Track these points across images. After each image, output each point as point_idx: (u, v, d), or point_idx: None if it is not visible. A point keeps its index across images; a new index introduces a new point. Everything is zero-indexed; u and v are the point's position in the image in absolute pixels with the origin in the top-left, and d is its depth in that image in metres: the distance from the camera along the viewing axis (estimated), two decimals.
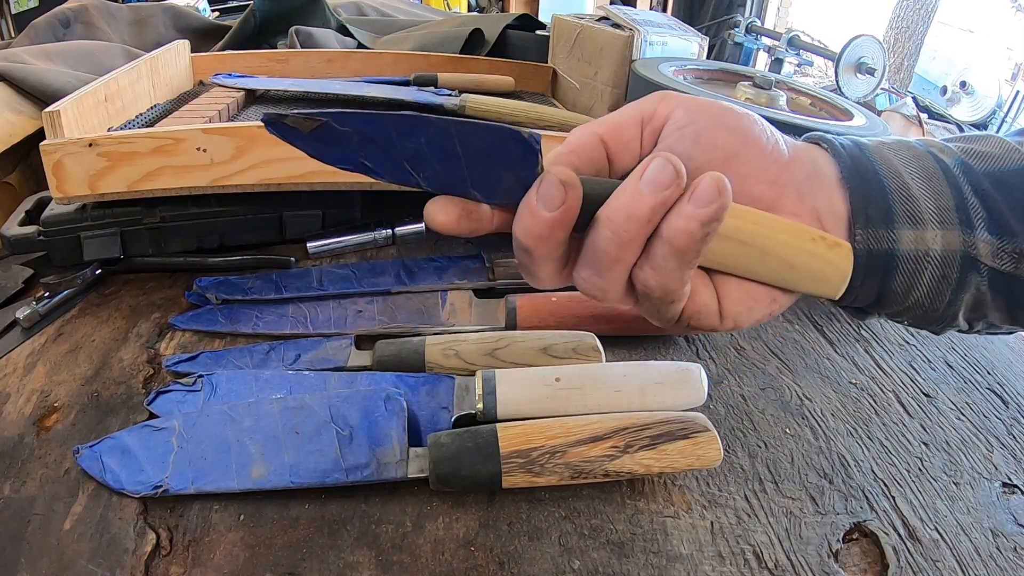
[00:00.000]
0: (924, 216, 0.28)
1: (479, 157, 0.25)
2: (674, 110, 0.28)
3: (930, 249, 0.28)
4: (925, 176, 0.29)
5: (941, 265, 0.28)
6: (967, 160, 0.29)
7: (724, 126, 0.28)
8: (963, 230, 0.28)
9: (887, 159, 0.29)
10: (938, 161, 0.29)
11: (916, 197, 0.28)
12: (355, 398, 0.39)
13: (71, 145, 0.49)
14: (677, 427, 0.36)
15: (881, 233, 0.28)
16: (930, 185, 0.29)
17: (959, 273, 0.29)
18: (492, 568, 0.33)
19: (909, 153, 0.30)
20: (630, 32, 0.76)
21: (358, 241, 0.60)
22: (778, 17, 3.59)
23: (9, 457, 0.38)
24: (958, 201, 0.28)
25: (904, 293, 0.29)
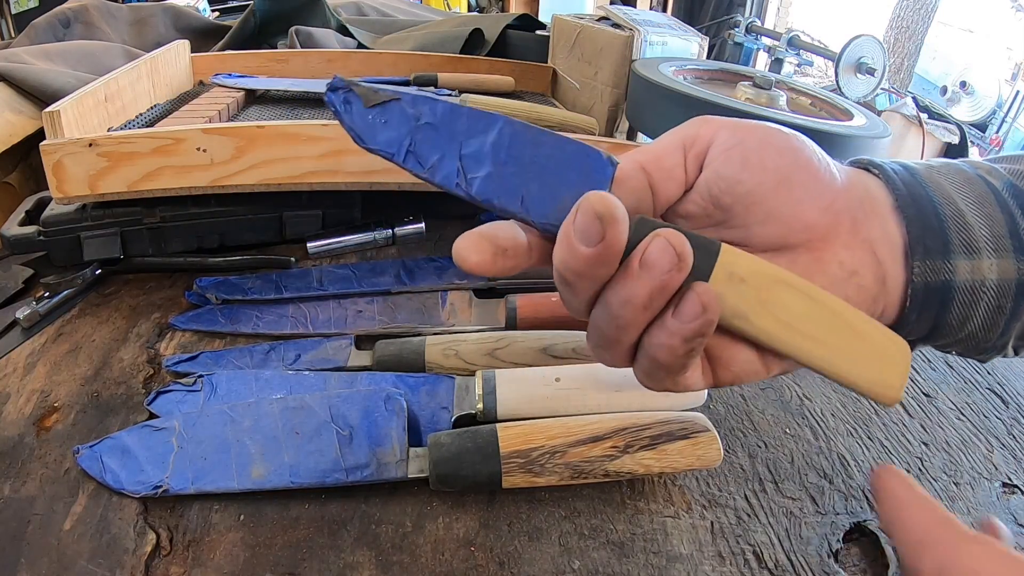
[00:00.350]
0: (979, 244, 0.27)
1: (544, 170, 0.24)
2: (717, 132, 0.27)
3: (986, 279, 0.27)
4: (977, 202, 0.28)
5: (997, 295, 0.27)
6: (1016, 182, 0.28)
7: (772, 146, 0.26)
8: (1017, 257, 0.27)
9: (939, 185, 0.28)
10: (988, 185, 0.28)
11: (971, 225, 0.27)
12: (355, 398, 0.39)
13: (71, 145, 0.49)
14: (677, 427, 0.36)
15: (939, 264, 0.27)
16: (983, 211, 0.27)
17: (1014, 302, 0.28)
18: (492, 568, 0.33)
19: (960, 177, 0.28)
20: (630, 32, 0.76)
21: (358, 241, 0.60)
22: (778, 17, 3.59)
23: (9, 457, 0.38)
24: (1011, 227, 0.27)
25: (959, 325, 0.28)
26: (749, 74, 0.76)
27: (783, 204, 0.26)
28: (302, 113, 0.71)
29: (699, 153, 0.27)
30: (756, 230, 0.27)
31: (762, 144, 0.26)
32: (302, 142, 0.52)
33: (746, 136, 0.26)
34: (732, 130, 0.26)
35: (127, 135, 0.51)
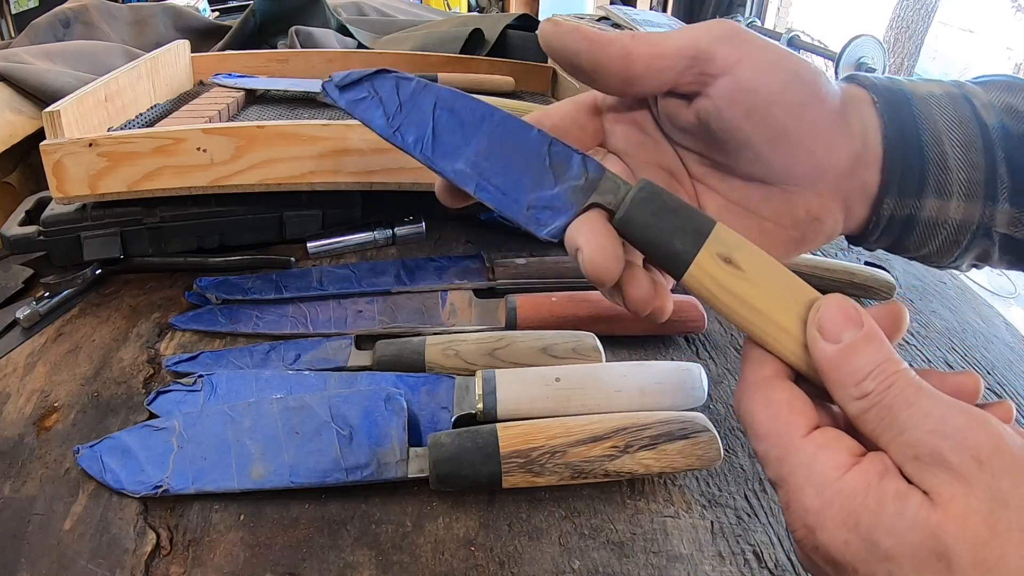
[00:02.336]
0: (952, 188, 0.28)
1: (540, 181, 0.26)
2: (738, 65, 0.25)
3: (949, 218, 0.28)
4: (964, 144, 0.28)
5: (955, 231, 0.28)
6: (1007, 122, 0.28)
7: (784, 102, 0.25)
8: (985, 203, 0.28)
9: (932, 120, 0.28)
10: (979, 123, 0.28)
11: (950, 169, 0.28)
12: (355, 398, 0.39)
13: (71, 145, 0.49)
14: (677, 427, 0.36)
15: (908, 201, 0.28)
16: (967, 156, 0.28)
17: (970, 238, 0.28)
18: (492, 568, 0.33)
19: (954, 114, 0.28)
20: (630, 32, 0.76)
21: (358, 241, 0.60)
22: (778, 17, 3.59)
23: (9, 457, 0.38)
24: (988, 175, 0.28)
25: (915, 248, 0.29)
26: None
27: (775, 156, 0.26)
28: (302, 113, 0.71)
29: (705, 74, 0.25)
30: (742, 165, 0.27)
31: (774, 98, 0.25)
32: (302, 142, 0.52)
33: (762, 83, 0.25)
34: (752, 71, 0.25)
35: (127, 135, 0.51)
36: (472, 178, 0.26)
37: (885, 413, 0.21)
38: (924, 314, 0.58)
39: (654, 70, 0.25)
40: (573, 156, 0.26)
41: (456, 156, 0.26)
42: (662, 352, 0.50)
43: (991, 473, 0.19)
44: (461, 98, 0.27)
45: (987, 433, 0.20)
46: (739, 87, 0.25)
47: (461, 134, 0.26)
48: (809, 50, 2.07)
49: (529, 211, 0.26)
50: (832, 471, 0.21)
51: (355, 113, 0.27)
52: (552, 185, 0.26)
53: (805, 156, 0.26)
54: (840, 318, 0.22)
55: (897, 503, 0.20)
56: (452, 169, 0.26)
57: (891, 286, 0.57)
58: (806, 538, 0.22)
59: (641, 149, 0.29)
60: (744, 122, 0.25)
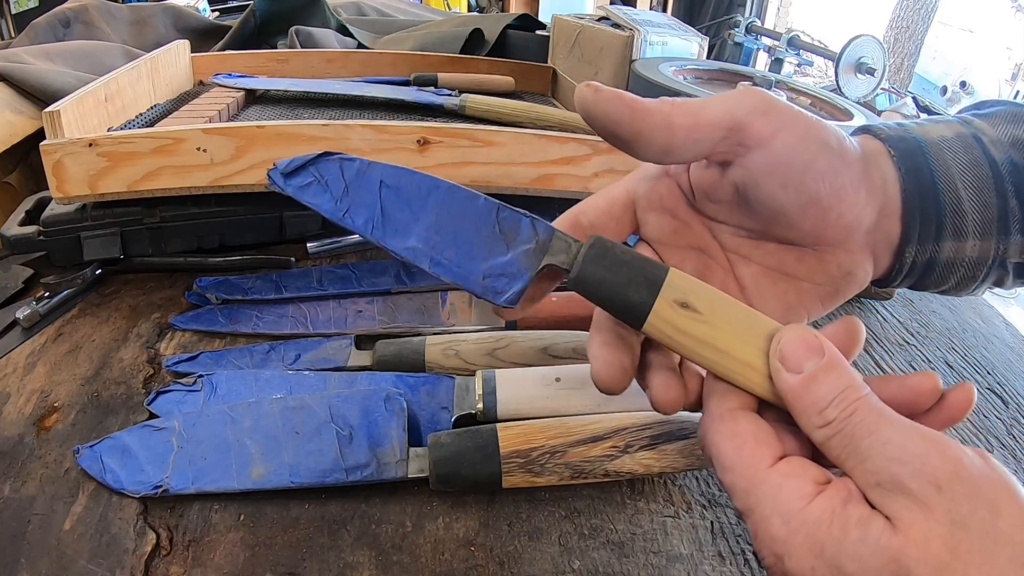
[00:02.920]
0: (968, 229, 0.29)
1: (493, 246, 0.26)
2: (775, 137, 0.26)
3: (967, 257, 0.29)
4: (977, 186, 0.29)
5: (973, 268, 0.29)
6: (1015, 158, 0.29)
7: (816, 170, 0.26)
8: (999, 238, 0.29)
9: (946, 167, 0.29)
10: (989, 162, 0.29)
11: (966, 212, 0.29)
12: (355, 398, 0.39)
13: (71, 145, 0.49)
14: (677, 427, 0.36)
15: (927, 246, 0.29)
16: (980, 198, 0.29)
17: (987, 271, 0.30)
18: (492, 568, 0.33)
19: (966, 157, 0.29)
20: (630, 32, 0.76)
21: (358, 241, 0.60)
22: (778, 17, 3.59)
23: (9, 457, 0.38)
24: (1001, 211, 0.29)
25: (935, 285, 0.31)
26: (749, 74, 0.76)
27: (807, 220, 0.27)
28: (302, 113, 0.71)
29: (741, 144, 0.26)
30: (775, 230, 0.28)
31: (807, 167, 0.26)
32: (302, 142, 0.52)
33: (795, 155, 0.26)
34: (786, 142, 0.26)
35: (127, 135, 0.51)
36: (425, 254, 0.26)
37: (848, 441, 0.21)
38: (924, 314, 0.58)
39: (693, 140, 0.26)
40: (522, 220, 0.26)
41: (407, 233, 0.26)
42: None
43: (950, 497, 0.19)
44: (406, 173, 0.27)
45: (945, 458, 0.20)
46: (775, 160, 0.26)
47: (409, 210, 0.26)
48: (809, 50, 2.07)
49: (485, 280, 0.26)
50: (797, 500, 0.21)
51: (302, 199, 0.27)
52: (504, 251, 0.26)
53: (835, 218, 0.27)
54: (801, 348, 0.23)
55: (860, 529, 0.20)
56: (404, 247, 0.26)
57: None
58: (775, 566, 0.22)
59: (674, 235, 0.30)
60: (779, 192, 0.26)
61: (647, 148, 0.26)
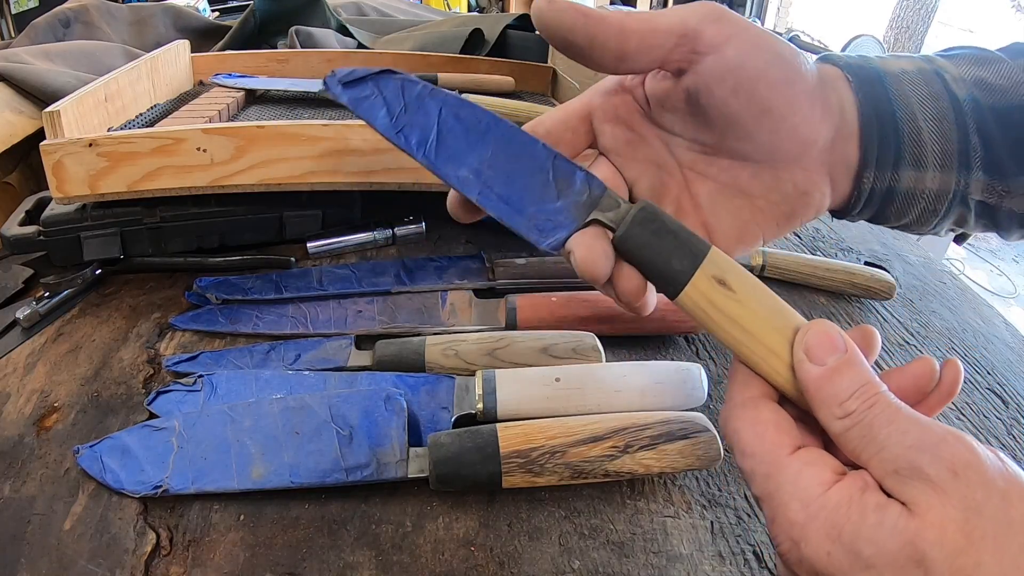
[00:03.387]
0: (928, 160, 0.29)
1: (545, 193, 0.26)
2: (726, 44, 0.26)
3: (926, 188, 0.30)
4: (937, 118, 0.29)
5: (933, 201, 0.30)
6: (977, 95, 0.29)
7: (768, 79, 0.27)
8: (960, 172, 0.29)
9: (904, 97, 0.29)
10: (951, 97, 0.29)
11: (925, 142, 0.29)
12: (355, 398, 0.39)
13: (71, 145, 0.49)
14: (677, 427, 0.36)
15: (885, 174, 0.29)
16: (940, 128, 0.29)
17: (948, 206, 0.30)
18: (492, 568, 0.33)
19: (926, 90, 0.29)
20: None
21: (358, 241, 0.60)
22: (778, 17, 3.59)
23: (9, 457, 0.38)
24: (962, 145, 0.29)
25: (895, 218, 0.31)
26: None
27: (761, 132, 0.27)
28: (302, 113, 0.71)
29: (694, 52, 0.27)
30: (730, 142, 0.28)
31: (759, 75, 0.26)
32: (302, 142, 0.52)
33: (747, 60, 0.26)
34: (739, 49, 0.26)
35: (127, 135, 0.51)
36: (475, 185, 0.26)
37: (866, 431, 0.22)
38: (924, 314, 0.58)
39: (646, 47, 0.26)
40: (577, 172, 0.27)
41: (460, 162, 0.26)
42: (662, 352, 0.50)
43: (965, 483, 0.20)
44: (467, 105, 0.27)
45: (962, 446, 0.21)
46: (726, 65, 0.26)
47: (466, 141, 0.26)
48: (809, 50, 2.07)
49: (531, 222, 0.26)
50: (816, 487, 0.22)
51: (358, 110, 0.26)
52: (555, 199, 0.26)
53: (789, 131, 0.28)
54: (825, 342, 0.24)
55: (877, 514, 0.21)
56: (455, 175, 0.26)
57: (891, 286, 0.57)
58: (791, 551, 0.22)
59: (630, 147, 0.30)
60: (731, 98, 0.27)
61: (601, 55, 0.26)
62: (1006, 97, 0.29)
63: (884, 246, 0.71)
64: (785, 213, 0.30)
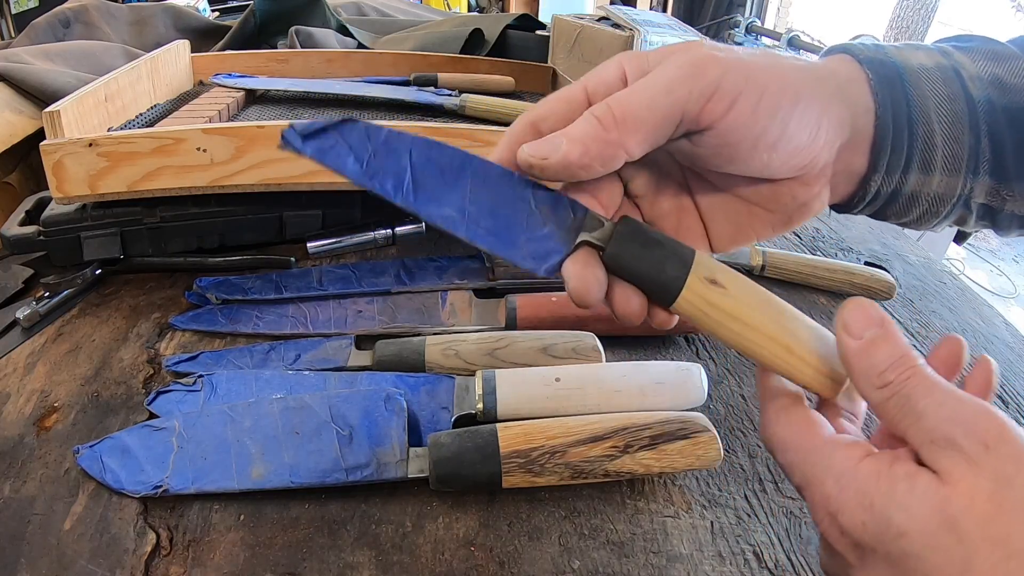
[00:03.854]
0: (936, 164, 0.29)
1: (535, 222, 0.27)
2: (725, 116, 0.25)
3: (931, 191, 0.30)
4: (951, 122, 0.29)
5: (936, 203, 0.30)
6: (992, 95, 0.29)
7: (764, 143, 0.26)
8: (968, 176, 0.29)
9: (924, 98, 0.29)
10: (967, 98, 0.29)
11: (937, 147, 0.29)
12: (355, 398, 0.39)
13: (71, 145, 0.49)
14: (677, 427, 0.36)
15: (893, 178, 0.29)
16: (952, 132, 0.29)
17: (951, 208, 0.30)
18: (492, 568, 0.33)
19: (944, 91, 0.29)
20: (630, 32, 0.76)
21: (358, 241, 0.60)
22: (778, 17, 3.59)
23: (9, 457, 0.38)
24: (972, 149, 0.29)
25: (896, 216, 0.31)
26: None
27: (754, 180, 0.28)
28: (302, 113, 0.71)
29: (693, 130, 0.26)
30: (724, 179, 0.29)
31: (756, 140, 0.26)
32: None
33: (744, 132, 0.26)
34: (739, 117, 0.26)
35: (127, 135, 0.51)
36: (462, 223, 0.26)
37: (904, 401, 0.23)
38: (924, 314, 0.58)
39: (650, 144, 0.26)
40: (557, 197, 0.27)
41: (441, 202, 0.26)
42: (662, 352, 0.50)
43: (997, 457, 0.20)
44: (437, 145, 0.27)
45: (994, 422, 0.21)
46: (722, 141, 0.26)
47: (442, 180, 0.26)
48: (809, 50, 2.06)
49: (524, 251, 0.27)
50: (848, 461, 0.23)
51: (324, 161, 0.25)
52: (542, 225, 0.27)
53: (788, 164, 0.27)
54: (863, 318, 0.25)
55: (907, 481, 0.21)
56: (439, 215, 0.26)
57: (891, 286, 0.57)
58: (830, 527, 0.23)
59: None
60: (728, 165, 0.27)
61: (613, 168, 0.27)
62: (1020, 96, 0.29)
63: (884, 246, 0.71)
64: (782, 220, 0.30)
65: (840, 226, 0.74)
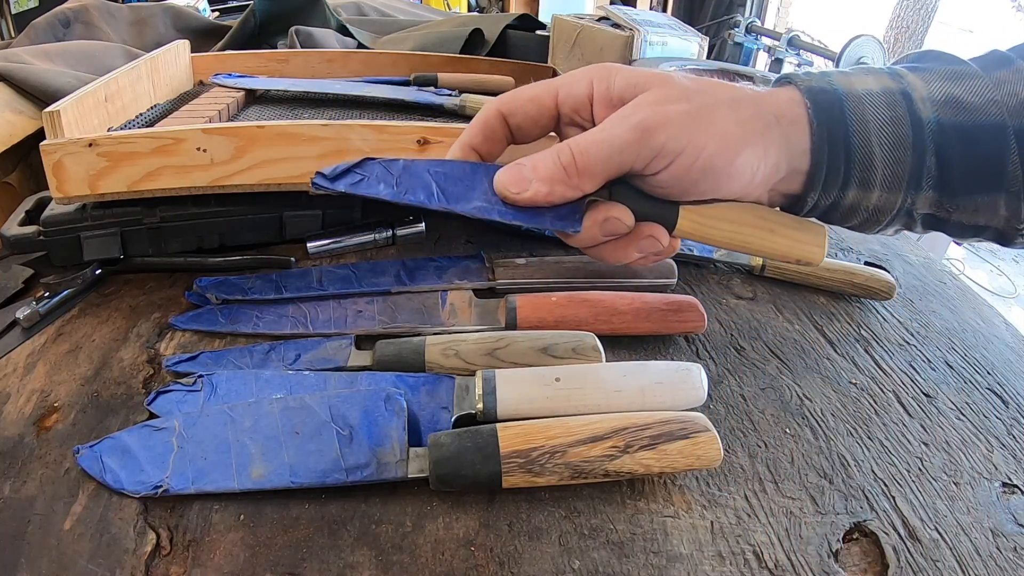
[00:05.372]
0: (875, 182, 0.31)
1: None
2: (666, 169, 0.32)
3: (871, 204, 0.32)
4: (893, 144, 0.30)
5: (876, 213, 0.33)
6: (943, 117, 0.30)
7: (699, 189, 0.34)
8: (908, 191, 0.31)
9: (864, 122, 0.31)
10: (912, 121, 0.30)
11: (875, 167, 0.31)
12: (355, 398, 0.39)
13: (71, 145, 0.49)
14: (677, 427, 0.36)
15: (830, 194, 0.32)
16: (894, 155, 0.30)
17: (892, 217, 0.33)
18: (492, 568, 0.33)
19: (887, 114, 0.30)
20: (630, 32, 0.76)
21: (358, 241, 0.60)
22: (778, 17, 3.59)
23: (9, 457, 0.38)
24: (915, 169, 0.30)
25: (838, 222, 0.35)
26: (749, 74, 0.76)
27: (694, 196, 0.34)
28: (302, 113, 0.71)
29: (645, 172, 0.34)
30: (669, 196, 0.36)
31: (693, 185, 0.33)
32: (302, 142, 0.52)
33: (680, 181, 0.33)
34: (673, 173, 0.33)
35: (127, 135, 0.51)
36: (492, 209, 0.32)
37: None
38: (924, 314, 0.58)
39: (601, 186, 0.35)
40: None
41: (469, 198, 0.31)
42: (662, 352, 0.50)
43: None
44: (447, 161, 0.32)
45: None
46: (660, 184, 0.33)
47: (463, 184, 0.31)
48: (809, 50, 2.06)
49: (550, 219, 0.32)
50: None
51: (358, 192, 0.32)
52: None
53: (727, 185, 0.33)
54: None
55: None
56: (471, 208, 0.31)
57: (891, 286, 0.57)
58: None
59: None
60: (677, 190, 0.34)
61: None
62: (975, 115, 0.29)
63: (884, 246, 0.71)
64: None
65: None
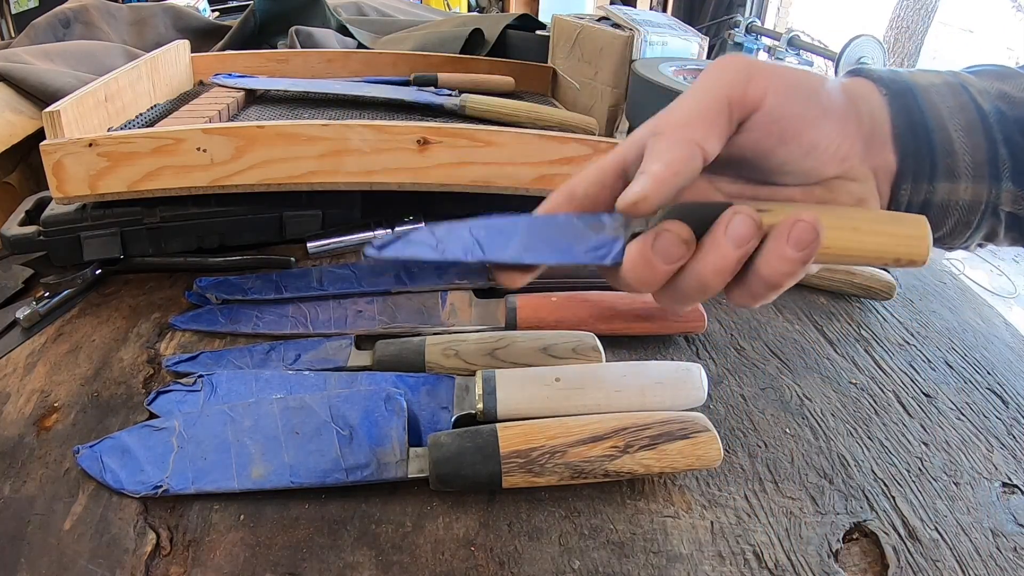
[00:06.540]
0: (960, 170, 0.30)
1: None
2: (765, 98, 0.28)
3: (960, 199, 0.31)
4: (967, 129, 0.30)
5: (966, 212, 0.31)
6: (1002, 107, 0.30)
7: (809, 120, 0.29)
8: (991, 183, 0.30)
9: (935, 108, 0.30)
10: (978, 109, 0.30)
11: (956, 152, 0.30)
12: (355, 398, 0.39)
13: (71, 145, 0.49)
14: (677, 427, 0.36)
15: (922, 186, 0.31)
16: (970, 139, 0.30)
17: (980, 217, 0.31)
18: (492, 568, 0.33)
19: (954, 102, 0.31)
20: (630, 32, 0.76)
21: (358, 241, 0.60)
22: (778, 17, 3.59)
23: (9, 457, 0.38)
24: (991, 155, 0.30)
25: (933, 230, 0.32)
26: None
27: (805, 164, 0.29)
28: (302, 113, 0.71)
29: (742, 116, 0.28)
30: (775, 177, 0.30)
31: (801, 119, 0.28)
32: (302, 142, 0.52)
33: (788, 109, 0.28)
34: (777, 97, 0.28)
35: (127, 135, 0.51)
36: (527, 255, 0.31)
37: None
38: (924, 314, 0.58)
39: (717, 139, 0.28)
40: (601, 215, 0.31)
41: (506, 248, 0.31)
42: (662, 352, 0.50)
43: None
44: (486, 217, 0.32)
45: None
46: (770, 119, 0.28)
47: (501, 235, 0.31)
48: (809, 50, 2.06)
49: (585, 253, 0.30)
50: None
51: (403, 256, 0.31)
52: (596, 235, 0.30)
53: (830, 156, 0.29)
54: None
55: None
56: (507, 256, 0.31)
57: (891, 286, 0.57)
58: None
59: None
60: (778, 147, 0.29)
61: None
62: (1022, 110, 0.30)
63: None
64: None
65: None
